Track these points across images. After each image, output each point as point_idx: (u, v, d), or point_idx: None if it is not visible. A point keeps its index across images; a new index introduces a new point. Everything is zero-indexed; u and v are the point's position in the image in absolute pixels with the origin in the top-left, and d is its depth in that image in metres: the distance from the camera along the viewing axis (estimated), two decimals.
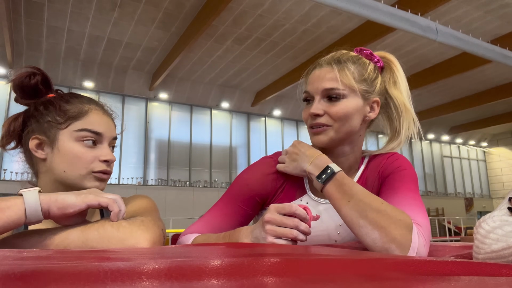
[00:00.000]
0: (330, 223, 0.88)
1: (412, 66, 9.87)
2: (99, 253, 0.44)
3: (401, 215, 0.71)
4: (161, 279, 0.31)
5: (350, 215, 0.73)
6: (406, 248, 0.67)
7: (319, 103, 0.87)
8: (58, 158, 0.78)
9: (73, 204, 0.62)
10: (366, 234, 0.69)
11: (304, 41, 8.48)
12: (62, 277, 0.30)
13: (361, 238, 0.71)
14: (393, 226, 0.68)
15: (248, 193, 0.91)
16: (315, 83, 0.88)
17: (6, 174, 9.08)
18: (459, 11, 7.36)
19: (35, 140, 0.80)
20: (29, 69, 0.82)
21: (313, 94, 0.89)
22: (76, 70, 9.66)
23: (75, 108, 0.81)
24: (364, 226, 0.70)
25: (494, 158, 18.02)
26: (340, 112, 0.85)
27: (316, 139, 0.88)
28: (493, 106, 12.72)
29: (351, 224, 0.73)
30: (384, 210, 0.71)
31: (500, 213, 0.58)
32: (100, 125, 0.81)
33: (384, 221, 0.69)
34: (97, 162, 0.80)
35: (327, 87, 0.86)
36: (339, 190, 0.76)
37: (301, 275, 0.35)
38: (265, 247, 0.59)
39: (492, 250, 0.50)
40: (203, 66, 9.91)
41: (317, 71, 0.90)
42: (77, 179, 0.78)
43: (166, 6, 7.25)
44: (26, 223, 0.61)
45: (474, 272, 0.39)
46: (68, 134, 0.79)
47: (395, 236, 0.68)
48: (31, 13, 7.39)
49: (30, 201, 0.60)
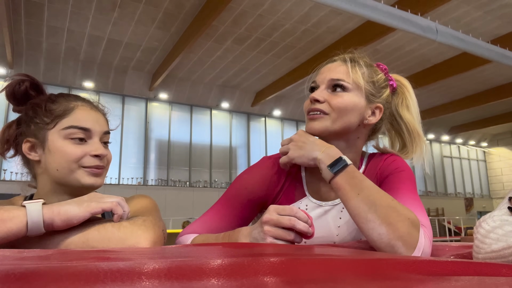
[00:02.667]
0: (330, 225, 0.88)
1: (412, 66, 9.87)
2: (99, 253, 0.44)
3: (410, 214, 0.70)
4: (161, 279, 0.31)
5: (358, 208, 0.72)
6: (412, 247, 0.66)
7: (322, 91, 0.88)
8: (50, 158, 0.78)
9: (76, 216, 0.62)
10: (373, 228, 0.68)
11: (304, 41, 8.48)
12: (62, 277, 0.30)
13: (367, 233, 0.70)
14: (401, 223, 0.68)
15: (247, 196, 0.90)
16: (324, 73, 0.90)
17: (6, 174, 9.08)
18: (459, 11, 7.37)
19: (27, 143, 0.81)
20: (18, 77, 0.83)
21: (319, 83, 0.90)
22: (76, 70, 9.66)
23: (61, 106, 0.81)
24: (372, 220, 0.69)
25: (494, 158, 18.02)
26: (340, 103, 0.86)
27: (311, 124, 0.87)
28: (493, 106, 12.73)
29: (358, 217, 0.71)
30: (394, 207, 0.70)
31: (500, 212, 0.58)
32: (88, 121, 0.81)
33: (393, 217, 0.68)
34: (87, 158, 0.79)
35: (334, 77, 0.87)
36: (349, 182, 0.75)
37: (301, 275, 0.35)
38: (265, 247, 0.59)
39: (492, 250, 0.50)
40: (203, 66, 9.92)
41: (329, 65, 0.92)
42: (70, 177, 0.78)
43: (166, 6, 7.25)
44: (27, 235, 0.60)
45: (474, 272, 0.39)
46: (57, 133, 0.79)
47: (402, 233, 0.67)
48: (31, 13, 7.39)
49: (33, 214, 0.60)
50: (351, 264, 0.40)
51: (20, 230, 0.59)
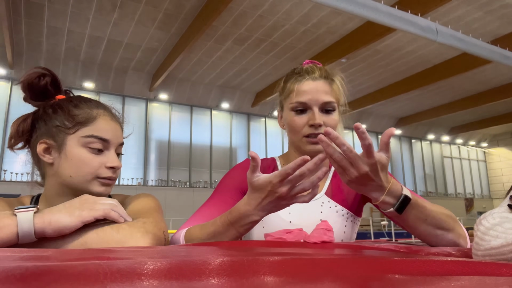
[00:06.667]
0: (314, 215, 0.93)
1: (412, 66, 9.88)
2: (99, 253, 0.44)
3: (450, 213, 0.80)
4: (161, 279, 0.31)
5: (428, 230, 0.75)
6: (467, 238, 0.78)
7: (320, 115, 0.93)
8: (65, 163, 0.78)
9: (68, 226, 0.61)
10: (442, 239, 0.76)
11: (304, 41, 8.49)
12: (62, 277, 0.30)
13: (436, 244, 0.77)
14: (457, 224, 0.79)
15: (232, 184, 0.95)
16: (312, 94, 0.93)
17: (6, 175, 9.08)
18: (459, 11, 7.37)
19: (43, 145, 0.79)
20: (38, 70, 0.81)
21: (310, 106, 0.93)
22: (76, 70, 9.66)
23: (84, 113, 0.80)
24: (440, 234, 0.76)
25: (494, 158, 18.02)
26: (334, 123, 0.94)
27: (317, 148, 0.91)
28: (493, 106, 12.73)
29: (428, 237, 0.76)
30: (447, 215, 0.78)
31: (501, 210, 0.58)
32: (108, 132, 0.81)
33: (451, 224, 0.77)
34: (103, 169, 0.79)
35: (326, 100, 0.93)
36: (417, 214, 0.73)
37: (301, 275, 0.35)
38: (265, 247, 0.59)
39: (491, 246, 0.50)
40: (203, 66, 9.92)
41: (312, 83, 0.95)
42: (83, 184, 0.78)
43: (166, 7, 7.26)
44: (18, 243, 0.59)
45: (474, 271, 0.39)
46: (76, 140, 0.78)
47: (461, 232, 0.79)
48: (31, 14, 7.39)
49: (24, 224, 0.59)
50: (351, 264, 0.40)
51: (11, 240, 0.58)
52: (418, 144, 16.34)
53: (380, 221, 11.30)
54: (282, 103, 1.02)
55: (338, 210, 0.95)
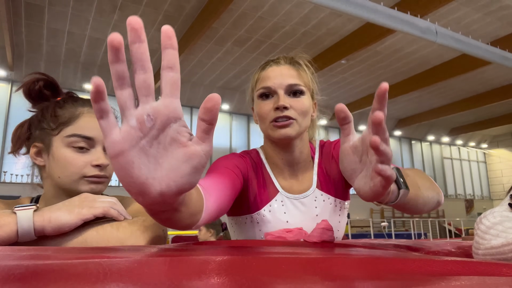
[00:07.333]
0: (309, 215, 0.92)
1: (412, 68, 9.88)
2: (99, 252, 0.44)
3: (419, 171, 0.82)
4: (161, 278, 0.31)
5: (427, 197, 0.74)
6: (441, 192, 0.82)
7: (285, 97, 0.89)
8: (53, 165, 0.78)
9: (67, 223, 0.61)
10: (433, 201, 0.77)
11: (304, 43, 8.49)
12: (62, 276, 0.30)
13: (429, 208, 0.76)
14: (433, 184, 0.81)
15: (234, 165, 0.87)
16: (277, 78, 0.91)
17: (6, 176, 9.07)
18: (458, 12, 7.38)
19: (34, 148, 0.80)
20: (33, 75, 0.82)
21: (275, 89, 0.90)
22: (77, 72, 9.67)
23: (67, 113, 0.80)
24: (431, 196, 0.76)
25: (494, 159, 18.01)
26: (303, 107, 0.90)
27: (284, 132, 0.88)
28: (493, 107, 12.72)
29: (429, 204, 0.75)
30: (424, 176, 0.80)
31: (501, 209, 0.58)
32: (92, 129, 0.79)
33: (431, 182, 0.80)
34: (89, 167, 0.78)
35: (291, 82, 0.90)
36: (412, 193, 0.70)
37: (301, 273, 0.35)
38: (264, 247, 0.59)
39: (492, 246, 0.50)
40: (203, 68, 9.93)
41: (276, 68, 0.93)
42: (71, 185, 0.78)
43: (166, 9, 7.26)
44: (18, 242, 0.59)
45: (474, 271, 0.39)
46: (60, 140, 0.78)
47: (438, 190, 0.81)
48: (32, 16, 7.40)
49: (23, 222, 0.59)
50: (350, 263, 0.40)
51: (11, 238, 0.58)
52: (418, 145, 16.33)
53: (380, 222, 11.28)
54: (253, 96, 0.99)
55: (331, 202, 0.95)
